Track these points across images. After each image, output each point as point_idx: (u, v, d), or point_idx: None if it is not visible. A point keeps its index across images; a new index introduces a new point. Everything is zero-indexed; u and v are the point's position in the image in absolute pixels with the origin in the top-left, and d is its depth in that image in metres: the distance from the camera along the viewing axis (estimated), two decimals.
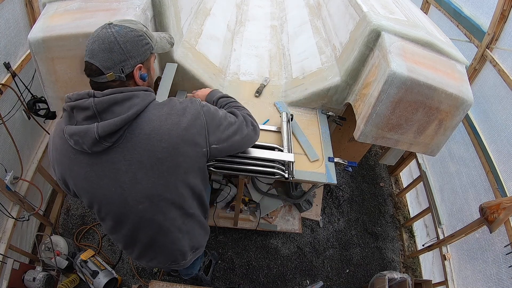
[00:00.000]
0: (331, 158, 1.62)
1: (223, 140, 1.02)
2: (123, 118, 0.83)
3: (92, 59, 0.86)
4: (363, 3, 1.64)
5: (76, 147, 0.87)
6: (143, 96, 0.89)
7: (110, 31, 0.86)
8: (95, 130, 0.82)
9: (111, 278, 2.08)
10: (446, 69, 1.51)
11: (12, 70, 1.81)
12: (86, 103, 0.83)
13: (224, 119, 1.04)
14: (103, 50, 0.85)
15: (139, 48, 0.91)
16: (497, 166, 1.87)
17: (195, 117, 0.95)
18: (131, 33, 0.89)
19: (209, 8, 2.31)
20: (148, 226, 1.04)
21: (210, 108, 1.01)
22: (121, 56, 0.87)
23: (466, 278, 1.99)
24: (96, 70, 0.86)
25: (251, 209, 2.40)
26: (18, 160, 1.91)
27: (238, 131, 1.08)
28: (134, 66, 0.91)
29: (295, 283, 2.43)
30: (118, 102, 0.84)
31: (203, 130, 0.96)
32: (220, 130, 1.01)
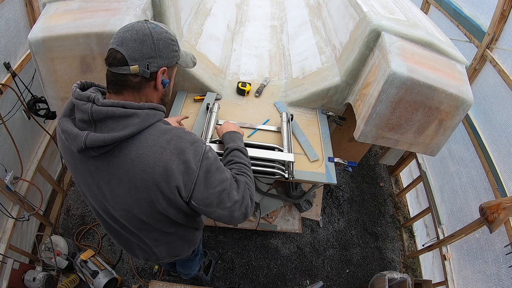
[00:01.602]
0: (331, 158, 1.62)
1: (206, 204, 0.91)
2: (114, 136, 0.78)
3: (120, 47, 0.81)
4: (363, 3, 1.64)
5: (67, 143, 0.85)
6: (144, 117, 0.82)
7: (146, 25, 0.84)
8: (83, 139, 0.78)
9: (111, 278, 2.08)
10: (446, 69, 1.51)
11: (12, 70, 1.81)
12: (84, 107, 0.79)
13: (220, 184, 0.91)
14: (134, 40, 0.81)
15: (169, 52, 0.88)
16: (497, 166, 1.87)
17: (187, 166, 0.84)
18: (165, 34, 0.87)
19: (209, 8, 2.31)
20: (123, 230, 1.05)
21: (211, 165, 0.89)
22: (151, 52, 0.83)
23: (466, 278, 1.99)
24: (120, 59, 0.81)
25: None
26: (18, 160, 1.91)
27: (227, 208, 0.94)
28: (160, 67, 0.86)
29: (295, 283, 2.43)
30: (115, 117, 0.79)
31: (190, 182, 0.86)
32: (208, 193, 0.89)
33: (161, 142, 0.83)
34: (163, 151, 0.82)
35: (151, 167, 0.82)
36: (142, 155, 0.82)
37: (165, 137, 0.84)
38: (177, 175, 0.84)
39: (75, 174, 0.95)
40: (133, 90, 0.86)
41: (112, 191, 0.89)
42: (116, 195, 0.90)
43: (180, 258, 1.29)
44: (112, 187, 0.88)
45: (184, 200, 0.89)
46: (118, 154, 0.82)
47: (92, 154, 0.81)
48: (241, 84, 1.88)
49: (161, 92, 0.92)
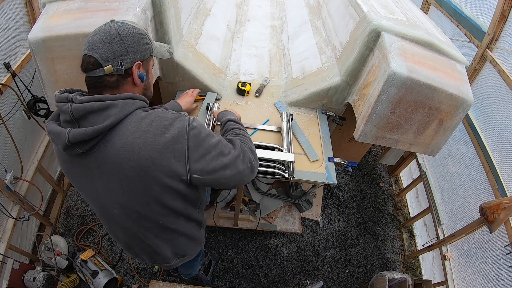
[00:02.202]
0: (331, 158, 1.62)
1: (208, 172, 0.89)
2: (95, 129, 0.79)
3: (91, 51, 0.83)
4: (363, 3, 1.64)
5: (54, 144, 0.87)
6: (122, 106, 0.82)
7: (112, 25, 0.86)
8: (66, 136, 0.79)
9: (111, 278, 2.08)
10: (446, 69, 1.51)
11: (12, 70, 1.81)
12: (64, 108, 0.81)
13: (214, 147, 0.90)
14: (103, 42, 0.83)
15: (139, 45, 0.89)
16: (497, 166, 1.87)
17: (175, 140, 0.83)
18: (133, 29, 0.88)
19: (209, 8, 2.31)
20: (123, 230, 1.04)
21: (200, 132, 0.88)
22: (121, 49, 0.85)
23: (466, 278, 1.99)
24: (94, 63, 0.83)
25: (251, 209, 2.40)
26: (18, 160, 1.91)
27: (230, 165, 0.93)
28: (133, 62, 0.88)
29: (295, 283, 2.43)
30: (94, 111, 0.80)
31: (182, 156, 0.85)
32: (206, 160, 0.88)
33: (142, 126, 0.83)
34: (146, 134, 0.82)
35: (136, 153, 0.82)
36: (127, 144, 0.82)
37: (146, 121, 0.84)
38: (166, 153, 0.83)
39: (70, 177, 0.96)
40: (112, 90, 0.87)
41: (105, 188, 0.89)
42: (110, 191, 0.90)
43: (187, 258, 1.26)
44: (104, 183, 0.88)
45: (183, 178, 0.88)
46: (104, 148, 0.83)
47: (77, 151, 0.82)
48: (241, 84, 1.88)
49: (141, 86, 0.94)
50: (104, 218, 1.03)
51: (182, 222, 1.07)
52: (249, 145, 1.07)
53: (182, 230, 1.10)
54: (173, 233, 1.09)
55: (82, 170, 0.89)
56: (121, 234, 1.07)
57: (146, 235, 1.04)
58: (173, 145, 0.83)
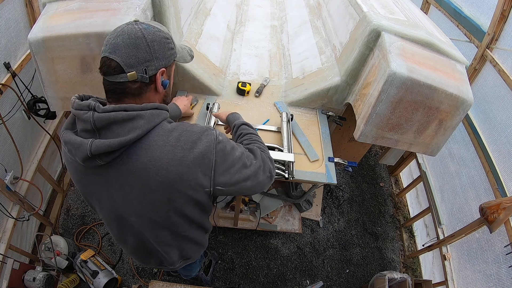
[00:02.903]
0: (331, 158, 1.62)
1: (232, 184, 0.90)
2: (120, 141, 0.75)
3: (113, 54, 0.77)
4: (363, 3, 1.64)
5: (70, 155, 0.82)
6: (149, 118, 0.78)
7: (137, 27, 0.79)
8: (88, 147, 0.75)
9: (111, 278, 2.08)
10: (446, 69, 1.51)
11: (12, 70, 1.81)
12: (85, 116, 0.76)
13: (238, 160, 0.91)
14: (127, 46, 0.77)
15: (165, 51, 0.84)
16: (497, 166, 1.87)
17: (202, 156, 0.82)
18: (158, 33, 0.83)
19: (209, 8, 2.31)
20: (136, 236, 1.03)
21: (225, 147, 0.88)
22: (147, 55, 0.79)
23: (466, 278, 1.99)
24: (116, 68, 0.77)
25: (251, 209, 2.40)
26: (18, 160, 1.91)
27: (252, 177, 0.94)
28: (158, 69, 0.83)
29: (295, 283, 2.43)
30: (118, 122, 0.76)
31: (209, 171, 0.84)
32: (230, 173, 0.88)
33: (170, 141, 0.80)
34: (175, 149, 0.80)
35: (165, 168, 0.80)
36: (154, 158, 0.79)
37: (174, 135, 0.81)
38: (193, 169, 0.82)
39: (81, 187, 0.93)
40: (133, 97, 0.83)
41: (124, 197, 0.87)
42: (129, 201, 0.88)
43: (190, 261, 1.27)
44: (124, 193, 0.86)
45: (208, 190, 0.87)
46: (128, 160, 0.80)
47: (98, 163, 0.78)
48: (241, 84, 1.88)
49: (162, 93, 0.90)
50: (116, 225, 1.01)
51: (193, 229, 1.07)
52: (267, 153, 1.07)
53: (192, 236, 1.10)
54: (184, 239, 1.08)
55: (99, 180, 0.86)
56: (131, 239, 1.05)
57: (158, 241, 1.03)
58: (201, 160, 0.82)
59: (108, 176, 0.84)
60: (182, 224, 0.99)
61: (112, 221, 0.99)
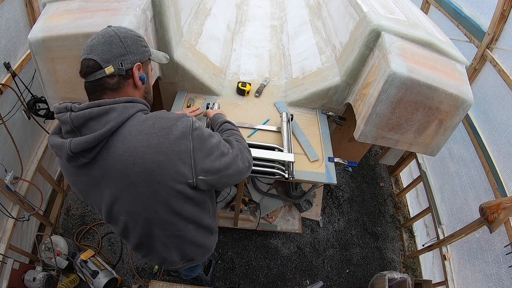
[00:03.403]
0: (331, 158, 1.62)
1: (213, 172, 0.89)
2: (95, 136, 0.76)
3: (91, 54, 0.82)
4: (363, 3, 1.64)
5: (58, 158, 0.85)
6: (122, 110, 0.79)
7: (110, 29, 0.87)
8: (67, 146, 0.77)
9: (111, 278, 2.07)
10: (446, 69, 1.51)
11: (12, 70, 1.81)
12: (63, 118, 0.79)
13: (216, 147, 0.91)
14: (102, 44, 0.83)
15: (138, 47, 0.89)
16: (497, 166, 1.87)
17: (179, 141, 0.82)
18: (130, 32, 0.89)
19: (209, 8, 2.31)
20: (132, 234, 1.03)
21: (202, 132, 0.87)
22: (121, 50, 0.84)
23: (466, 278, 1.99)
24: (94, 66, 0.82)
25: (251, 209, 2.40)
26: (18, 160, 1.91)
27: (231, 165, 0.94)
28: (133, 63, 0.87)
29: (295, 283, 2.43)
30: (94, 117, 0.78)
31: (188, 158, 0.83)
32: (210, 160, 0.88)
33: (145, 129, 0.80)
34: (150, 137, 0.80)
35: (141, 157, 0.79)
36: (129, 148, 0.79)
37: (148, 123, 0.82)
38: (171, 156, 0.81)
39: (77, 189, 0.94)
40: (112, 92, 0.86)
41: (112, 194, 0.88)
42: (117, 199, 0.89)
43: (195, 262, 1.25)
44: (111, 190, 0.87)
45: (190, 181, 0.87)
46: (107, 155, 0.81)
47: (82, 161, 0.80)
48: (241, 84, 1.88)
49: (142, 89, 0.93)
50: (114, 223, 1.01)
51: (191, 230, 1.05)
52: (244, 144, 1.08)
53: (190, 238, 1.07)
54: (181, 240, 1.07)
55: (89, 180, 0.87)
56: (131, 237, 1.05)
57: (153, 240, 1.03)
58: (178, 146, 0.82)
59: (94, 175, 0.85)
60: (175, 223, 0.98)
61: (110, 219, 1.00)
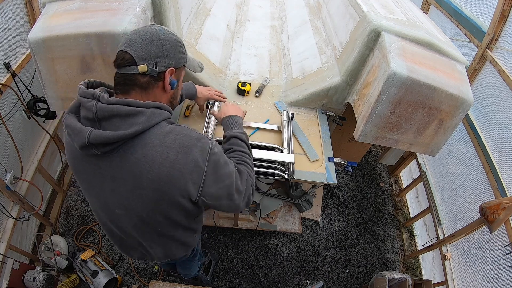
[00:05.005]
0: (331, 158, 1.62)
1: (215, 198, 0.91)
2: (119, 135, 0.77)
3: (128, 48, 0.82)
4: (363, 3, 1.64)
5: (69, 138, 0.84)
6: (150, 115, 0.81)
7: (153, 27, 0.86)
8: (87, 135, 0.77)
9: (111, 278, 2.08)
10: (446, 69, 1.51)
11: (12, 70, 1.81)
12: (88, 105, 0.79)
13: (228, 177, 0.92)
14: (142, 40, 0.82)
15: (176, 53, 0.89)
16: (497, 166, 1.87)
17: (195, 163, 0.84)
18: (172, 35, 0.88)
19: (209, 8, 2.31)
20: (121, 229, 1.04)
21: (219, 159, 0.90)
22: (159, 51, 0.84)
23: (466, 278, 1.99)
24: (129, 59, 0.82)
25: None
26: (18, 160, 1.91)
27: (233, 198, 0.95)
28: (167, 67, 0.87)
29: (295, 283, 2.43)
30: (120, 116, 0.78)
31: (199, 179, 0.86)
32: (217, 187, 0.90)
33: (166, 142, 0.82)
34: (169, 150, 0.82)
35: (156, 167, 0.81)
36: (148, 155, 0.81)
37: (171, 136, 0.83)
38: (185, 174, 0.83)
39: (76, 171, 0.95)
40: (141, 90, 0.86)
41: (114, 189, 0.89)
42: (118, 193, 0.89)
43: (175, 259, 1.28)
44: (114, 185, 0.88)
45: (193, 199, 0.89)
46: (123, 154, 0.82)
47: (94, 152, 0.80)
48: (241, 84, 1.88)
49: (169, 94, 0.92)
50: (103, 215, 1.02)
51: (180, 231, 1.08)
52: (252, 179, 1.05)
53: (178, 237, 1.11)
54: (169, 239, 1.09)
55: (93, 169, 0.88)
56: (117, 231, 1.07)
57: (142, 236, 1.05)
58: (193, 167, 0.84)
59: (102, 166, 0.86)
60: (167, 226, 1.01)
61: (99, 210, 1.00)
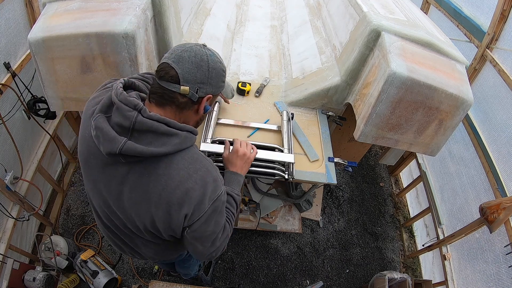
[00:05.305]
0: (331, 158, 1.62)
1: (195, 237, 0.92)
2: (152, 152, 0.79)
3: (176, 64, 0.82)
4: (363, 3, 1.64)
5: (95, 139, 0.83)
6: (183, 140, 0.84)
7: (204, 51, 0.86)
8: (119, 145, 0.77)
9: (111, 278, 2.08)
10: (446, 69, 1.51)
11: (12, 70, 1.81)
12: (128, 114, 0.78)
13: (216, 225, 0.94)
14: (192, 62, 0.83)
15: (218, 82, 0.90)
16: (497, 166, 1.87)
17: (202, 200, 0.86)
18: (219, 64, 0.89)
19: (209, 8, 2.31)
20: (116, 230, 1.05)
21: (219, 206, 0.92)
22: (204, 78, 0.85)
23: (466, 278, 1.99)
24: (174, 76, 0.82)
25: (251, 209, 2.40)
26: (18, 160, 1.91)
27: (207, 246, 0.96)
28: (207, 94, 0.89)
29: (295, 283, 2.43)
30: (157, 133, 0.80)
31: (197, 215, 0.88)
32: (203, 229, 0.91)
33: (189, 169, 0.85)
34: (189, 178, 0.84)
35: (172, 188, 0.83)
36: (168, 175, 0.83)
37: (195, 166, 0.87)
38: (192, 204, 0.85)
39: (85, 167, 0.94)
40: (176, 108, 0.87)
41: (121, 193, 0.89)
42: (124, 199, 0.89)
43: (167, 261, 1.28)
44: (123, 189, 0.88)
45: (178, 231, 0.90)
46: (147, 165, 0.83)
47: (120, 160, 0.81)
48: (241, 84, 1.88)
49: (199, 116, 0.95)
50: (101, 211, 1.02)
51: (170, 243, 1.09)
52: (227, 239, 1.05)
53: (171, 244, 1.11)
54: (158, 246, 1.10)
55: (104, 168, 0.88)
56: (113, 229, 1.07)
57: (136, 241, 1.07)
58: (200, 201, 0.86)
59: (119, 169, 0.86)
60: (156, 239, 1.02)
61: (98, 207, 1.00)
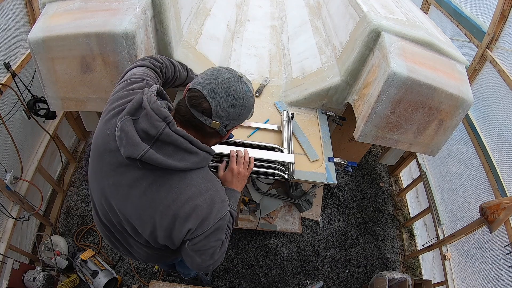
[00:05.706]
0: (331, 158, 1.62)
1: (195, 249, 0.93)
2: (170, 165, 0.80)
3: (212, 98, 0.82)
4: (363, 3, 1.64)
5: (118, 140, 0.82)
6: (201, 160, 0.85)
7: (241, 87, 0.86)
8: (141, 152, 0.77)
9: (111, 278, 2.08)
10: (446, 69, 1.51)
11: (12, 70, 1.81)
12: (157, 123, 0.78)
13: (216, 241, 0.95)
14: (228, 100, 0.84)
15: (247, 116, 0.93)
16: (497, 166, 1.87)
17: (207, 218, 0.88)
18: (252, 99, 0.91)
19: (209, 8, 2.31)
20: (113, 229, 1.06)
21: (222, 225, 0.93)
22: (235, 115, 0.87)
23: (466, 278, 1.99)
24: (206, 110, 0.83)
25: (251, 209, 2.40)
26: (18, 160, 1.91)
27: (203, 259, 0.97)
28: (234, 126, 0.92)
29: (295, 283, 2.43)
30: (178, 147, 0.81)
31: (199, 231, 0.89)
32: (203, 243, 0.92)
33: (201, 187, 0.87)
34: (199, 195, 0.86)
35: (182, 202, 0.84)
36: (180, 189, 0.84)
37: (207, 185, 0.89)
38: (197, 220, 0.86)
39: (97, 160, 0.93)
40: (201, 134, 0.88)
41: (128, 195, 0.88)
42: (130, 202, 0.89)
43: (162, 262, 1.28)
44: (131, 192, 0.87)
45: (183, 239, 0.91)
46: (161, 175, 0.84)
47: (137, 165, 0.81)
48: None
49: (219, 139, 0.96)
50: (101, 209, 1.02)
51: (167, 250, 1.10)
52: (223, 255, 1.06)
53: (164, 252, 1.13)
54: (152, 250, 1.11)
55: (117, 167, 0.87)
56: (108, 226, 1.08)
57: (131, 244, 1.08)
58: (205, 219, 0.87)
59: (131, 171, 0.86)
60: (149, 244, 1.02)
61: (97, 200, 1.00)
